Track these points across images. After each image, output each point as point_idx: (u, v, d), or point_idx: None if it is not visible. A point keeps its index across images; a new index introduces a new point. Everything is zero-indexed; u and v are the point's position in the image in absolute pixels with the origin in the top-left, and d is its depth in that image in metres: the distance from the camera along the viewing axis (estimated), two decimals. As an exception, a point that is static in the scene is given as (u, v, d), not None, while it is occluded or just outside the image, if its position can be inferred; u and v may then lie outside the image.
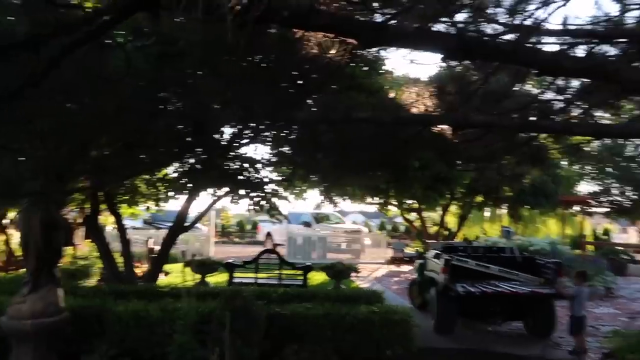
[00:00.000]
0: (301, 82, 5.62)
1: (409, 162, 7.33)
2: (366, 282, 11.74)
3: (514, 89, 6.63)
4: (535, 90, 6.17)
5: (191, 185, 7.76)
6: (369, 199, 18.24)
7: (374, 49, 6.06)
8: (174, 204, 9.41)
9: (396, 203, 18.64)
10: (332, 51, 4.37)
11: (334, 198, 15.38)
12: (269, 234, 20.95)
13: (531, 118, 5.96)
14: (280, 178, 8.56)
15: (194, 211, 9.86)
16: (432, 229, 20.52)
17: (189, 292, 5.57)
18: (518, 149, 6.32)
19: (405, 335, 5.63)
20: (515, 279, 6.94)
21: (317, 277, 10.25)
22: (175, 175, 7.83)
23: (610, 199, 19.39)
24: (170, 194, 8.56)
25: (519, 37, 4.19)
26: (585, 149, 11.12)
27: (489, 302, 6.76)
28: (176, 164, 7.70)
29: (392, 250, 17.62)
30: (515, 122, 4.25)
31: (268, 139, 7.49)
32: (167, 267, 10.22)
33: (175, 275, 10.76)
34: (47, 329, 4.64)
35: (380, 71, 7.60)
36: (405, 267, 15.34)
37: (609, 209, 19.83)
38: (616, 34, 5.13)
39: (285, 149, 7.57)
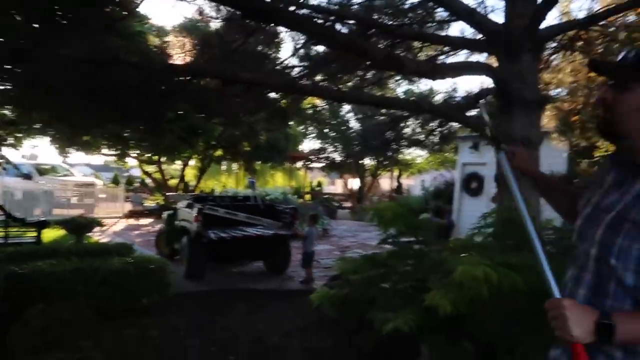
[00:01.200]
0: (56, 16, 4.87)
1: (166, 113, 7.20)
2: (105, 236, 11.07)
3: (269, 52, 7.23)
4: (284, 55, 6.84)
5: None
6: (105, 150, 16.92)
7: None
8: None
9: (135, 155, 17.83)
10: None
11: (66, 148, 13.73)
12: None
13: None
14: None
15: None
16: (172, 182, 20.44)
17: None
18: (269, 107, 6.95)
19: (161, 283, 5.74)
20: (259, 224, 7.75)
21: (51, 234, 9.21)
22: None
23: (326, 155, 22.86)
24: None
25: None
26: (309, 111, 12.86)
27: (237, 246, 7.38)
28: None
29: (130, 203, 16.87)
30: (279, 82, 4.72)
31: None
32: None
33: None
34: None
35: (135, 14, 7.12)
36: (145, 220, 15.01)
37: (324, 164, 23.38)
38: (346, 14, 6.07)
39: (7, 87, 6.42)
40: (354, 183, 22.22)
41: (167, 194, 17.44)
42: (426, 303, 2.92)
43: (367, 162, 22.67)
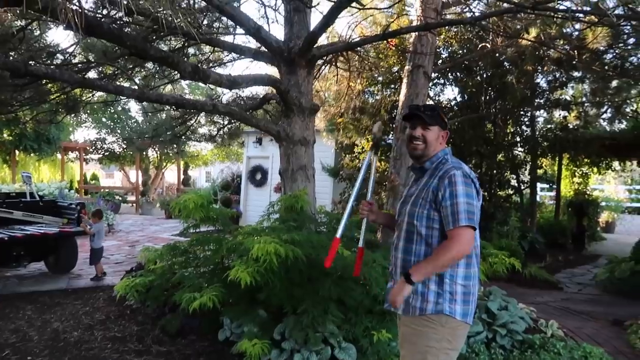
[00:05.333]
0: None
1: None
2: None
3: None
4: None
5: None
6: None
7: None
8: None
9: None
10: None
11: None
12: None
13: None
14: None
15: None
16: None
17: None
18: (54, 98, 6.52)
19: None
20: (40, 221, 7.23)
21: None
22: None
23: (105, 146, 21.42)
24: None
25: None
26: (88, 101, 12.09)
27: (14, 247, 6.76)
28: None
29: None
30: (76, 78, 4.60)
31: None
32: None
33: None
34: None
35: None
36: None
37: (102, 156, 21.85)
38: (141, 12, 6.15)
39: None
40: (136, 175, 21.33)
41: None
42: (230, 278, 3.50)
43: (151, 153, 22.04)
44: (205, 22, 6.19)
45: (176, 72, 4.90)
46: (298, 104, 5.40)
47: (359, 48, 6.68)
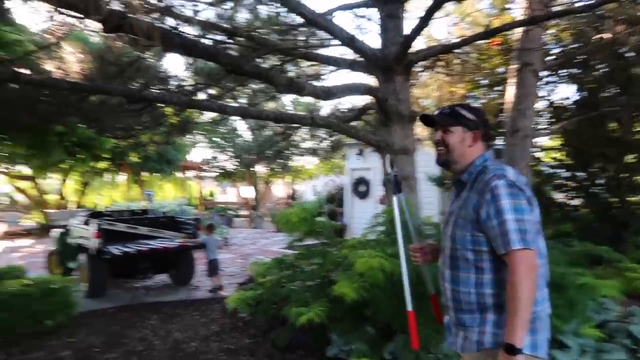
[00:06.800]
0: None
1: (54, 126, 6.98)
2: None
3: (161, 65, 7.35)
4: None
5: None
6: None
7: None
8: None
9: (4, 170, 16.36)
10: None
11: None
12: None
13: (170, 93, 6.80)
14: None
15: None
16: (50, 198, 19.01)
17: None
18: (167, 120, 7.09)
19: (66, 303, 5.65)
20: (161, 236, 7.82)
21: None
22: None
23: (218, 164, 22.85)
24: None
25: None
26: (200, 121, 12.98)
27: (141, 260, 7.38)
28: None
29: (5, 223, 15.44)
30: (182, 99, 4.95)
31: None
32: None
33: None
34: None
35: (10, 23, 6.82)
36: (25, 241, 13.89)
37: (217, 173, 23.33)
38: (237, 32, 6.44)
39: None
40: (247, 191, 22.47)
41: (47, 211, 16.24)
42: (334, 293, 3.45)
43: (260, 169, 23.07)
44: (301, 37, 6.31)
45: (272, 86, 5.02)
46: (397, 111, 5.26)
47: (458, 50, 6.37)
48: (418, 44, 5.54)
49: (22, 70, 4.53)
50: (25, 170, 15.91)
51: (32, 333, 5.23)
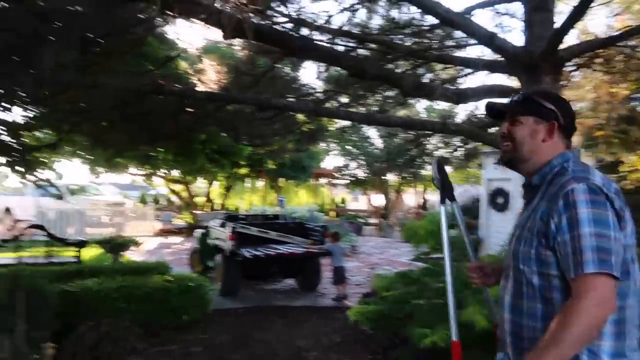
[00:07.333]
0: (95, 46, 5.26)
1: (198, 135, 7.56)
2: (139, 255, 11.43)
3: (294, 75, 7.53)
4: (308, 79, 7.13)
5: None
6: (132, 170, 17.46)
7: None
8: None
9: (163, 174, 18.36)
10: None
11: (96, 168, 14.27)
12: (8, 209, 17.98)
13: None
14: (39, 145, 7.68)
15: None
16: (197, 200, 20.91)
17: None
18: (298, 129, 7.25)
19: (201, 300, 6.01)
20: (290, 241, 7.99)
21: (88, 253, 9.59)
22: None
23: (350, 172, 23.09)
24: None
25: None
26: (332, 129, 13.18)
27: (270, 264, 7.62)
28: None
29: (160, 221, 17.33)
30: (310, 106, 4.98)
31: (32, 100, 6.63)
32: None
33: None
34: None
35: (164, 40, 7.52)
36: (175, 238, 15.39)
37: (348, 181, 23.60)
38: (367, 38, 6.30)
39: (49, 112, 6.82)
40: (378, 199, 22.36)
41: (195, 212, 17.87)
42: (462, 319, 3.09)
43: (391, 178, 22.79)
44: (435, 40, 5.97)
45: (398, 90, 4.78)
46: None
47: (621, 44, 5.47)
48: (569, 39, 4.84)
49: (165, 82, 4.91)
50: (178, 174, 17.76)
51: (170, 326, 5.62)
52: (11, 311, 4.37)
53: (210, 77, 6.66)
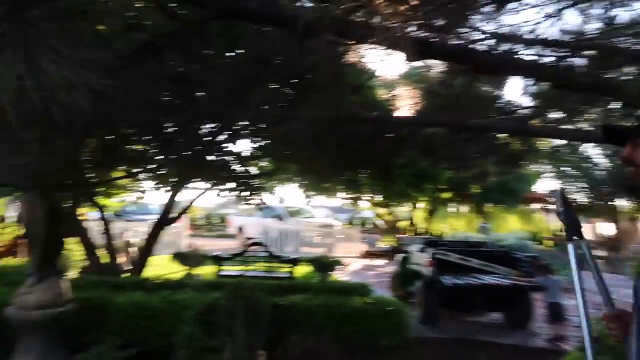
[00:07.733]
0: (300, 80, 5.77)
1: (395, 160, 7.63)
2: (345, 275, 11.99)
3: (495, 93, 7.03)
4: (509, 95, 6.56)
5: (176, 178, 7.76)
6: (341, 194, 18.57)
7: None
8: (150, 197, 9.27)
9: (369, 198, 19.07)
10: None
11: (309, 193, 15.61)
12: (241, 228, 20.94)
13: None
14: (259, 172, 8.71)
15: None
16: (401, 224, 21.08)
17: (192, 284, 5.67)
18: (499, 150, 6.72)
19: (399, 325, 5.93)
20: (494, 271, 7.37)
21: (300, 271, 10.46)
22: (157, 167, 7.77)
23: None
24: (154, 186, 8.50)
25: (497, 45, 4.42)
26: (543, 149, 11.82)
27: (472, 294, 7.15)
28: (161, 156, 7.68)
29: (366, 244, 17.99)
30: (510, 126, 4.57)
31: (253, 133, 7.57)
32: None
33: (157, 267, 10.68)
34: (55, 319, 4.65)
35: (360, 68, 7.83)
36: (379, 261, 15.73)
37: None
38: (583, 45, 5.45)
39: (267, 143, 7.67)
40: (606, 228, 19.23)
41: (398, 236, 18.04)
42: None
43: (622, 204, 19.45)
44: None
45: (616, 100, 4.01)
46: None
47: None
48: None
49: (361, 110, 5.07)
50: (382, 198, 18.22)
51: (367, 348, 5.66)
52: (233, 318, 4.98)
53: (406, 102, 6.69)
